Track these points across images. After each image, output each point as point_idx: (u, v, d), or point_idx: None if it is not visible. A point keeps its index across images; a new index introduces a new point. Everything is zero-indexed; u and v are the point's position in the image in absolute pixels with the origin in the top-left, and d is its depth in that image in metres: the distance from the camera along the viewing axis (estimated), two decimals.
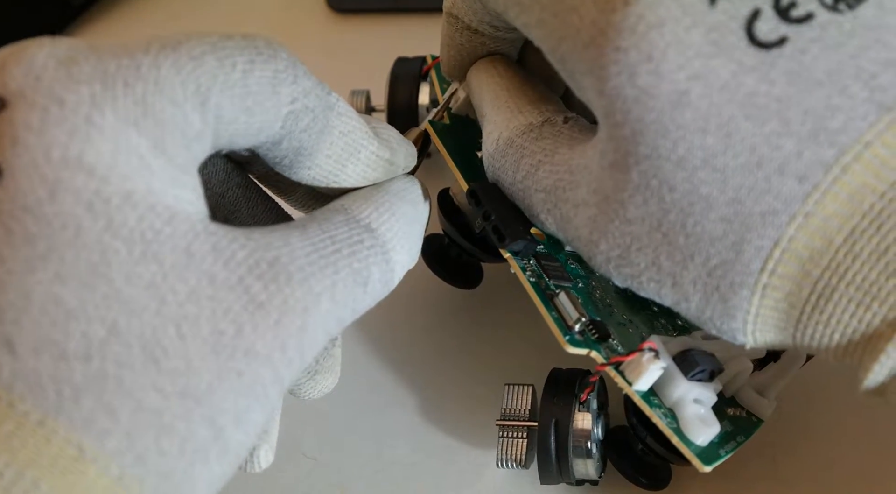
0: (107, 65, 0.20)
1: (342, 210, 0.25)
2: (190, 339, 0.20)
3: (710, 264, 0.22)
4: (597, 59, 0.22)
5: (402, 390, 0.35)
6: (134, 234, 0.20)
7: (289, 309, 0.22)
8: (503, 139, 0.28)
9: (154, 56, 0.20)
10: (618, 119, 0.22)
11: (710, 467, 0.26)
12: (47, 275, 0.19)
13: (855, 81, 0.21)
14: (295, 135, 0.24)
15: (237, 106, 0.22)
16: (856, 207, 0.21)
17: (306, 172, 0.25)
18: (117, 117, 0.20)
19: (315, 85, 0.24)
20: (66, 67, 0.20)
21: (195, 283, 0.20)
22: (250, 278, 0.21)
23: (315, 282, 0.22)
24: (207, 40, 0.22)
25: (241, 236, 0.22)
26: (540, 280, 0.28)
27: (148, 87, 0.20)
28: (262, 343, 0.21)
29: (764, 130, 0.21)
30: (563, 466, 0.29)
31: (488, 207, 0.28)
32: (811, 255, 0.21)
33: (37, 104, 0.19)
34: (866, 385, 0.22)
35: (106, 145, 0.19)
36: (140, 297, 0.20)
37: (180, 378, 0.20)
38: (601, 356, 0.26)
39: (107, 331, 0.19)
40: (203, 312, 0.20)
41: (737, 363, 0.28)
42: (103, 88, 0.20)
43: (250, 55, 0.22)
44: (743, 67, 0.21)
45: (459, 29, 0.30)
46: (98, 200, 0.19)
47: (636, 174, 0.22)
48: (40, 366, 0.19)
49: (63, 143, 0.19)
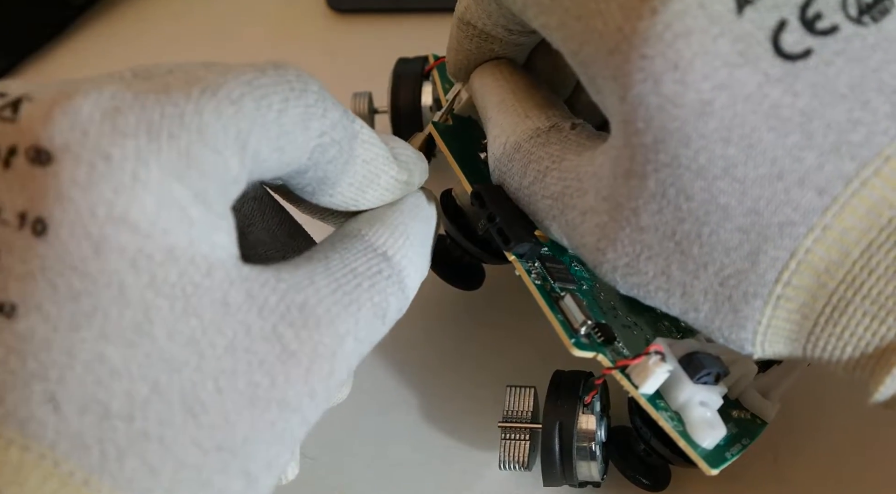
0: (151, 115, 0.20)
1: (360, 237, 0.25)
2: (227, 393, 0.20)
3: (724, 273, 0.22)
4: (621, 65, 0.21)
5: (402, 390, 0.35)
6: (175, 290, 0.20)
7: (318, 356, 0.22)
8: (510, 144, 0.28)
9: (196, 102, 0.20)
10: (639, 126, 0.22)
11: (717, 470, 0.26)
12: (92, 333, 0.19)
13: (877, 95, 0.21)
14: (321, 166, 0.24)
15: (272, 146, 0.22)
16: (874, 220, 0.21)
17: (328, 199, 0.26)
18: (162, 171, 0.19)
19: (342, 115, 0.24)
20: (111, 119, 0.19)
21: (232, 335, 0.20)
22: (283, 326, 0.21)
23: (340, 323, 0.23)
24: (244, 79, 0.21)
25: (272, 277, 0.22)
26: (545, 283, 0.28)
27: (192, 137, 0.20)
28: (293, 393, 0.21)
29: (786, 143, 0.21)
30: (567, 468, 0.29)
31: (493, 209, 0.28)
32: (827, 267, 0.21)
33: (83, 160, 0.19)
34: (876, 398, 0.22)
35: (150, 200, 0.19)
36: (181, 353, 0.20)
37: (218, 433, 0.20)
38: (607, 359, 0.26)
39: (149, 389, 0.19)
40: (239, 365, 0.20)
41: (741, 365, 0.28)
42: (148, 141, 0.19)
43: (284, 93, 0.22)
44: (768, 78, 0.21)
45: (470, 35, 0.30)
46: (142, 256, 0.19)
47: (653, 182, 0.22)
48: (84, 426, 0.19)
49: (109, 200, 0.19)
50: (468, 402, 0.34)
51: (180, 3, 0.57)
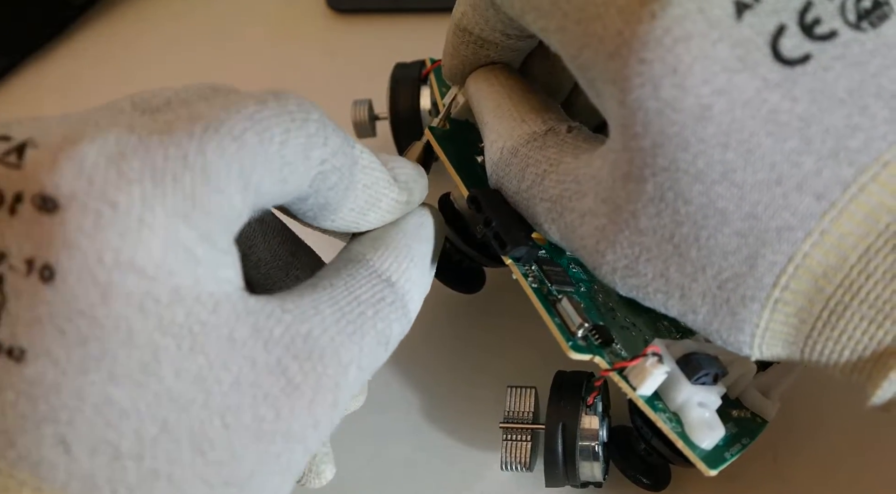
0: (155, 158, 0.19)
1: (364, 263, 0.25)
2: (233, 428, 0.20)
3: (722, 277, 0.22)
4: (620, 69, 0.21)
5: (403, 391, 0.35)
6: (183, 329, 0.20)
7: (321, 387, 0.22)
8: (507, 149, 0.28)
9: (198, 141, 0.20)
10: (637, 130, 0.22)
11: (716, 470, 0.26)
12: (100, 376, 0.19)
13: (876, 100, 0.21)
14: (322, 193, 0.24)
15: (274, 178, 0.22)
16: (872, 226, 0.21)
17: (329, 223, 0.26)
18: (167, 214, 0.19)
19: (342, 142, 0.24)
20: (116, 165, 0.19)
21: (237, 371, 0.21)
22: (287, 359, 0.21)
23: (344, 352, 0.23)
24: (246, 113, 0.21)
25: (277, 308, 0.22)
26: (542, 286, 0.28)
27: (196, 178, 0.20)
28: (298, 425, 0.22)
29: (785, 148, 0.21)
30: (570, 469, 0.29)
31: (489, 213, 0.28)
32: (825, 272, 0.21)
33: (90, 208, 0.19)
34: (874, 402, 0.22)
35: (156, 243, 0.19)
36: (188, 391, 0.20)
37: (225, 469, 0.20)
38: (605, 361, 0.26)
39: (158, 428, 0.19)
40: (245, 400, 0.21)
41: (740, 364, 0.28)
42: (153, 185, 0.19)
43: (286, 124, 0.22)
44: (767, 83, 0.21)
45: (466, 41, 0.30)
46: (149, 300, 0.19)
47: (651, 186, 0.22)
48: (95, 466, 0.19)
49: (116, 246, 0.19)
50: (469, 402, 0.35)
51: (180, 3, 0.57)
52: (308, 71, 0.51)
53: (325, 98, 0.45)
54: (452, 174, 0.30)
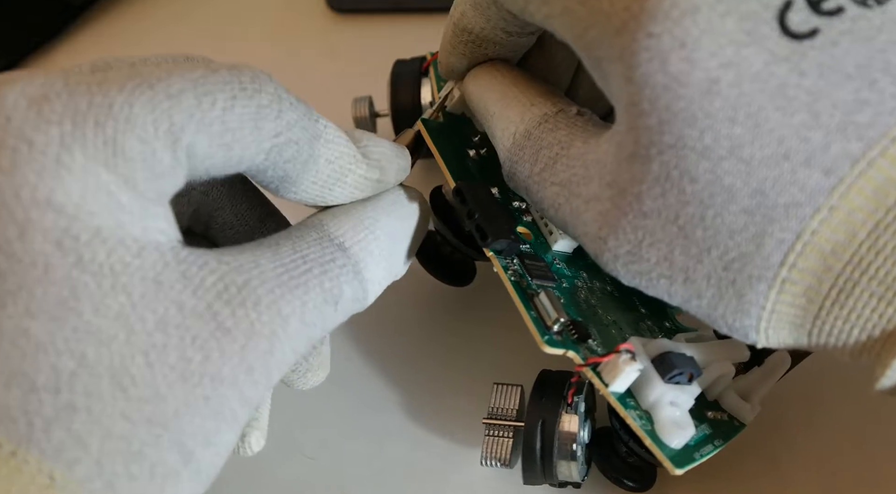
0: (78, 103, 0.20)
1: (318, 227, 0.25)
2: (158, 367, 0.20)
3: (728, 257, 0.22)
4: (628, 45, 0.22)
5: (401, 389, 0.35)
6: (103, 268, 0.20)
7: (255, 333, 0.22)
8: (520, 132, 0.28)
9: (129, 94, 0.20)
10: (644, 107, 0.22)
11: (683, 470, 0.26)
12: (17, 310, 0.19)
13: (884, 76, 0.21)
14: (279, 165, 0.24)
15: (214, 143, 0.22)
16: (880, 201, 0.21)
17: (292, 195, 0.26)
18: (86, 157, 0.20)
19: (301, 116, 0.24)
20: (37, 105, 0.20)
21: (163, 312, 0.21)
22: (218, 304, 0.21)
23: (284, 304, 0.23)
24: (190, 76, 0.21)
25: (213, 260, 0.22)
26: (521, 280, 0.28)
27: (118, 126, 0.20)
28: (228, 368, 0.21)
29: (793, 122, 0.21)
30: (547, 467, 0.28)
31: (473, 205, 0.28)
32: (833, 249, 0.21)
33: (6, 145, 0.19)
34: (883, 383, 0.22)
35: (75, 185, 0.19)
36: (109, 328, 0.20)
37: (148, 406, 0.20)
38: (578, 356, 0.26)
39: (76, 363, 0.19)
40: (171, 340, 0.21)
41: (718, 366, 0.28)
42: (73, 128, 0.20)
43: (232, 91, 0.22)
44: (775, 57, 0.21)
45: (466, 41, 0.30)
46: (67, 237, 0.19)
47: (657, 165, 0.22)
48: (10, 399, 0.19)
49: (32, 183, 0.19)
50: (455, 398, 0.34)
51: (180, 3, 0.57)
52: (308, 71, 0.51)
53: (325, 98, 0.45)
54: (441, 167, 0.31)
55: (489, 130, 0.29)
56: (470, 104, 0.31)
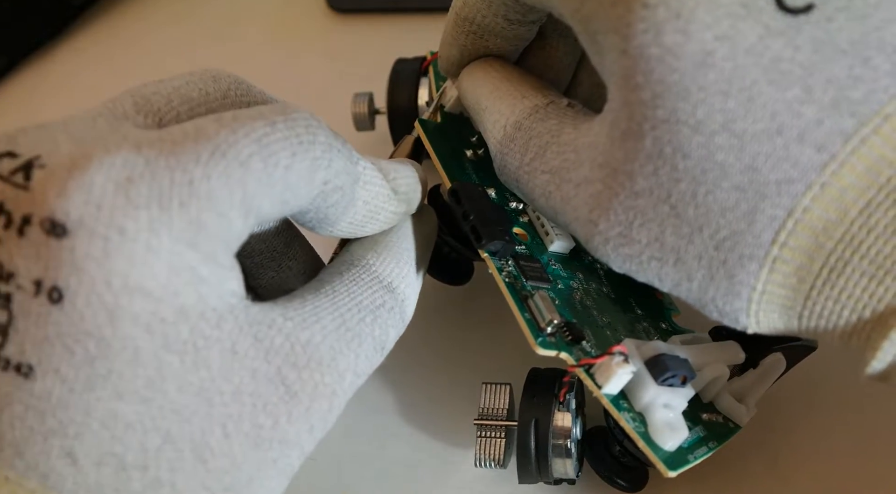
0: (161, 183, 0.20)
1: (366, 267, 0.26)
2: (234, 437, 0.21)
3: (719, 236, 0.22)
4: (623, 16, 0.22)
5: (400, 389, 0.35)
6: (187, 346, 0.20)
7: (318, 395, 0.23)
8: (511, 124, 0.28)
9: (204, 166, 0.20)
10: (638, 81, 0.22)
11: (676, 472, 0.26)
12: (107, 393, 0.20)
13: (878, 53, 0.21)
14: (322, 209, 0.24)
15: (276, 201, 0.22)
16: (873, 179, 0.21)
17: (327, 233, 0.26)
18: (173, 239, 0.20)
19: (346, 161, 0.24)
20: (124, 190, 0.19)
21: (238, 381, 0.21)
22: (286, 368, 0.22)
23: (342, 359, 0.23)
24: (255, 137, 0.21)
25: (279, 316, 0.22)
26: (516, 281, 0.28)
27: (201, 204, 0.20)
28: (294, 431, 0.22)
29: (786, 96, 0.21)
30: (542, 465, 0.28)
31: (468, 206, 0.28)
32: (825, 227, 0.21)
33: (98, 233, 0.19)
34: (873, 367, 0.21)
35: (162, 267, 0.20)
36: (191, 404, 0.20)
37: (226, 476, 0.21)
38: (571, 358, 0.26)
39: (161, 439, 0.20)
40: (245, 409, 0.21)
41: (713, 368, 0.28)
42: (160, 211, 0.20)
43: (293, 147, 0.22)
44: (770, 30, 0.21)
45: (467, 31, 0.30)
46: (155, 320, 0.20)
47: (650, 141, 0.22)
48: (102, 477, 0.20)
49: (123, 271, 0.19)
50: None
51: (180, 3, 0.57)
52: (308, 71, 0.51)
53: (325, 98, 0.46)
54: (437, 167, 0.31)
55: (481, 125, 0.29)
56: (464, 100, 0.31)
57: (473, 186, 0.30)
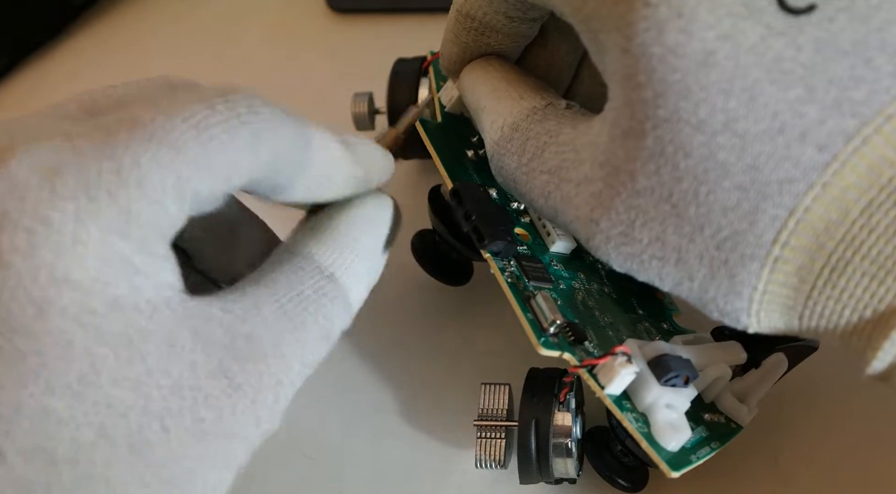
0: (88, 173, 0.19)
1: (308, 257, 0.25)
2: (173, 431, 0.20)
3: (720, 235, 0.22)
4: (625, 14, 0.22)
5: (399, 389, 0.35)
6: (121, 339, 0.20)
7: (263, 386, 0.22)
8: (508, 125, 0.28)
9: (134, 152, 0.20)
10: (640, 80, 0.22)
11: (679, 473, 0.25)
12: (39, 388, 0.19)
13: (880, 54, 0.21)
14: (272, 178, 0.24)
15: (216, 180, 0.21)
16: (874, 179, 0.21)
17: (281, 200, 0.26)
18: (102, 230, 0.19)
19: (293, 130, 0.24)
20: (49, 181, 0.19)
21: (178, 375, 0.21)
22: (228, 361, 0.22)
23: (287, 349, 0.23)
24: (192, 122, 0.21)
25: (218, 310, 0.22)
26: (518, 282, 0.28)
27: (131, 192, 0.20)
28: (239, 424, 0.22)
29: (788, 96, 0.21)
30: (543, 466, 0.28)
31: (470, 206, 0.28)
32: (826, 227, 0.21)
33: (22, 225, 0.19)
34: (874, 367, 0.21)
35: (91, 258, 0.19)
36: (127, 398, 0.20)
37: (164, 470, 0.20)
38: (574, 358, 0.26)
39: (95, 434, 0.20)
40: (185, 403, 0.21)
41: (715, 369, 0.28)
42: (88, 201, 0.19)
43: (231, 126, 0.22)
44: (772, 30, 0.21)
45: (468, 28, 0.30)
46: (85, 312, 0.19)
47: (652, 140, 0.22)
48: (30, 472, 0.19)
49: (50, 263, 0.19)
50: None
51: (180, 3, 0.57)
52: (308, 71, 0.51)
53: (325, 98, 0.46)
54: (439, 167, 0.31)
55: (479, 125, 0.29)
56: (464, 99, 0.31)
57: (475, 186, 0.30)
